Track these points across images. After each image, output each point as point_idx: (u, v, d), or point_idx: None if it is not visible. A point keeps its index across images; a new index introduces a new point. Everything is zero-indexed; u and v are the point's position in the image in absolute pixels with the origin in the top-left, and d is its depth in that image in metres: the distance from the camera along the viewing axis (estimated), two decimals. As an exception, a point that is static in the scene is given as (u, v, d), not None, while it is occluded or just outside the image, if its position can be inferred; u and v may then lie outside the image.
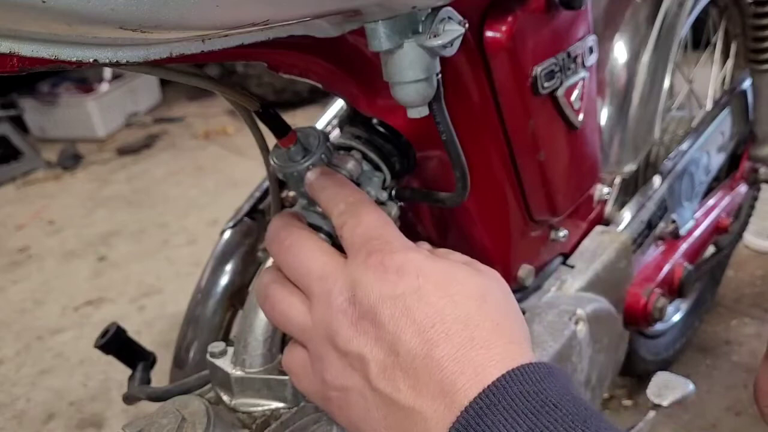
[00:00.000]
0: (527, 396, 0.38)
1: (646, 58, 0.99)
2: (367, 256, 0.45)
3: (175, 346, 0.90)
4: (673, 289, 1.06)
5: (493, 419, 0.37)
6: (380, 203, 0.60)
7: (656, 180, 1.07)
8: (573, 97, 0.76)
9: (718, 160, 1.22)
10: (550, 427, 0.37)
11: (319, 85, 0.60)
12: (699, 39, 1.34)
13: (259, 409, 0.56)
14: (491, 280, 0.46)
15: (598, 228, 0.93)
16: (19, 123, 3.20)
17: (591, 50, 0.78)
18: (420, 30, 0.45)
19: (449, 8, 0.46)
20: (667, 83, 1.03)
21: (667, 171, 1.08)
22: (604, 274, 0.87)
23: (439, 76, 0.49)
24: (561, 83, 0.73)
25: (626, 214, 1.00)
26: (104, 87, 3.25)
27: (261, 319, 0.56)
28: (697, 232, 1.15)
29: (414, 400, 0.41)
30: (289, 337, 0.52)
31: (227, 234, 0.89)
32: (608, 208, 1.01)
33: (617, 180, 1.09)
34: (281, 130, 0.52)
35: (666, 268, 1.05)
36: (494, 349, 0.41)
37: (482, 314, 0.42)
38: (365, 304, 0.43)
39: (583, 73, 0.76)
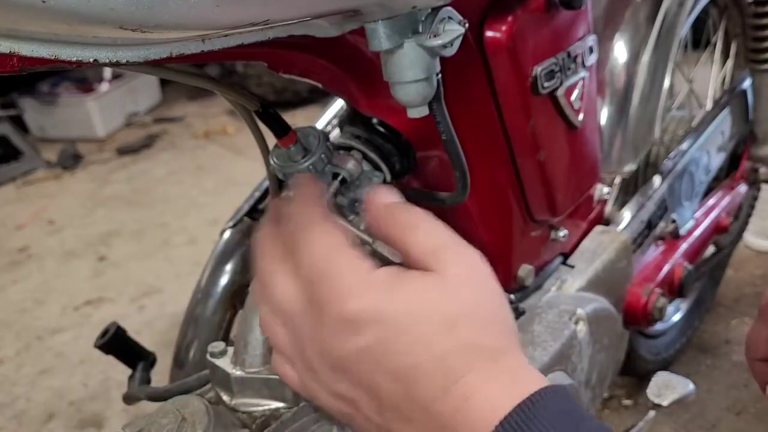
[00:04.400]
0: (562, 414, 0.38)
1: (646, 57, 0.99)
2: (321, 309, 0.42)
3: (175, 346, 0.90)
4: (673, 289, 1.06)
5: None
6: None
7: (656, 180, 1.07)
8: (573, 97, 0.76)
9: (718, 159, 1.22)
10: None
11: (319, 85, 0.60)
12: (699, 39, 1.34)
13: (259, 408, 0.56)
14: (460, 288, 0.42)
15: (598, 228, 0.93)
16: (19, 123, 3.19)
17: (591, 50, 0.78)
18: (420, 30, 0.45)
19: (449, 8, 0.46)
20: (667, 83, 1.03)
21: (667, 171, 1.08)
22: (604, 274, 0.87)
23: (439, 76, 0.49)
24: (561, 83, 0.73)
25: (626, 214, 1.00)
26: (104, 87, 3.24)
27: (261, 319, 0.56)
28: (697, 232, 1.15)
29: (410, 430, 0.41)
30: None
31: (227, 234, 0.89)
32: (608, 208, 1.01)
33: (617, 180, 1.09)
34: (281, 130, 0.52)
35: (666, 268, 1.04)
36: (476, 378, 0.39)
37: (455, 343, 0.40)
38: (335, 358, 0.42)
39: (583, 73, 0.76)
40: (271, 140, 0.55)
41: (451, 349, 0.40)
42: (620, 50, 0.99)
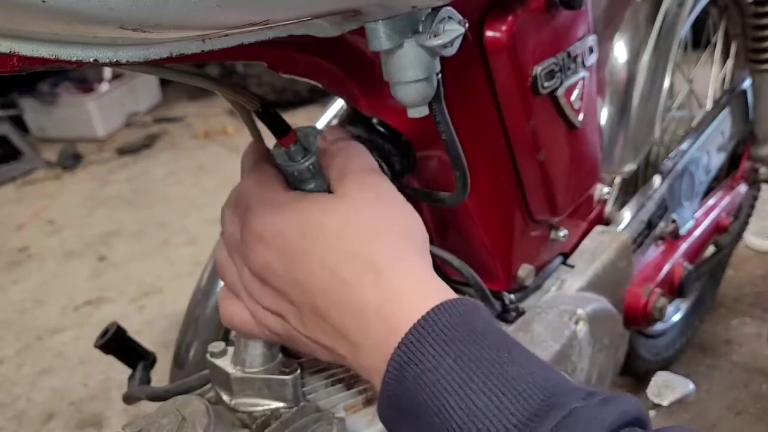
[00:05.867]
0: (454, 327, 0.41)
1: (646, 57, 0.99)
2: (242, 230, 0.49)
3: (175, 346, 0.90)
4: (673, 289, 1.06)
5: (424, 351, 0.40)
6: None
7: (656, 180, 1.07)
8: (573, 97, 0.76)
9: (718, 159, 1.22)
10: (477, 353, 0.39)
11: (320, 85, 0.60)
12: (699, 39, 1.34)
13: (259, 408, 0.56)
14: (352, 207, 0.47)
15: (598, 228, 0.93)
16: (19, 123, 3.19)
17: (591, 50, 0.78)
18: (420, 30, 0.45)
19: (449, 8, 0.46)
20: (667, 83, 1.03)
21: (667, 171, 1.08)
22: (604, 274, 0.87)
23: (439, 75, 0.49)
24: (561, 83, 0.73)
25: (626, 214, 1.00)
26: (104, 87, 3.24)
27: (261, 319, 0.56)
28: (697, 232, 1.15)
29: (328, 341, 0.46)
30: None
31: (227, 234, 0.89)
32: (608, 208, 1.01)
33: (617, 180, 1.09)
34: (281, 130, 0.52)
35: (666, 268, 1.04)
36: (366, 289, 0.43)
37: (343, 252, 0.45)
38: (256, 273, 0.48)
39: (583, 73, 0.76)
40: (270, 140, 0.55)
41: (340, 258, 0.44)
42: (620, 50, 0.99)
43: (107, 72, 3.27)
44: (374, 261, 0.44)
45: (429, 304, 0.42)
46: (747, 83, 1.27)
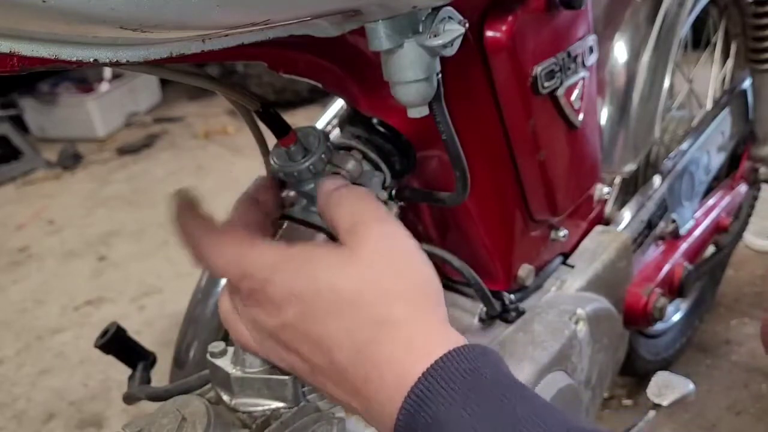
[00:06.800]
0: (463, 374, 0.40)
1: (646, 57, 0.99)
2: (247, 298, 0.48)
3: (175, 345, 0.90)
4: (673, 289, 1.06)
5: (434, 400, 0.40)
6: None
7: (656, 180, 1.07)
8: (573, 97, 0.76)
9: (718, 159, 1.22)
10: (485, 402, 0.40)
11: (319, 85, 0.60)
12: (699, 39, 1.34)
13: (260, 408, 0.56)
14: (366, 263, 0.45)
15: (598, 228, 0.93)
16: (19, 123, 3.19)
17: (591, 50, 0.78)
18: (420, 30, 0.45)
19: (449, 8, 0.46)
20: (667, 83, 1.03)
21: (667, 171, 1.08)
22: (604, 274, 0.87)
23: (440, 75, 0.49)
24: (561, 83, 0.73)
25: (626, 214, 1.00)
26: (104, 87, 3.24)
27: (261, 319, 0.56)
28: (697, 232, 1.15)
29: (342, 396, 0.46)
30: None
31: (227, 234, 0.89)
32: (608, 208, 1.01)
33: (617, 180, 1.09)
34: (281, 129, 0.52)
35: (666, 268, 1.04)
36: (383, 346, 0.43)
37: (360, 314, 0.44)
38: (267, 330, 0.48)
39: (583, 73, 0.76)
40: (271, 140, 0.55)
41: (356, 321, 0.44)
42: (620, 50, 0.99)
43: (107, 72, 3.27)
44: (391, 319, 0.43)
45: (439, 352, 0.41)
46: (747, 83, 1.27)
